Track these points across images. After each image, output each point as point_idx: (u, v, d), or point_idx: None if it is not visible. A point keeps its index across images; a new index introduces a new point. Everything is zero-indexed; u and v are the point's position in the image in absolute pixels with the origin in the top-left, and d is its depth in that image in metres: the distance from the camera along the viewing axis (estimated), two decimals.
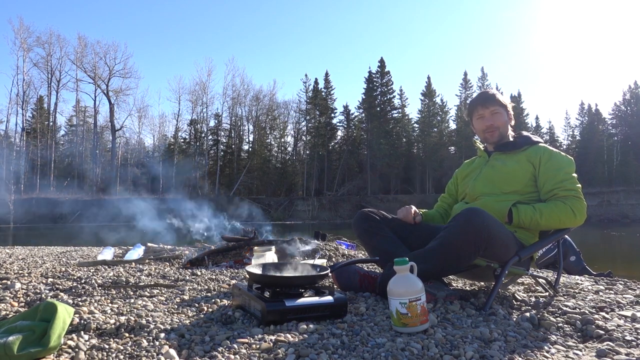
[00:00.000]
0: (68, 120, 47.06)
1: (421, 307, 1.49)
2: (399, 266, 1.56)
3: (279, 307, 1.54)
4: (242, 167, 44.32)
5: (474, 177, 2.28)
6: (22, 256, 4.97)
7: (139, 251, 4.63)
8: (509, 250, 1.91)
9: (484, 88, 48.50)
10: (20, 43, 39.07)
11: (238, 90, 46.48)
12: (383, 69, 47.70)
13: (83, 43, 42.29)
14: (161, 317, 1.65)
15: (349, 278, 2.12)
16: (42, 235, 12.87)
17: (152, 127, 49.96)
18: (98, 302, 1.93)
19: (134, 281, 2.59)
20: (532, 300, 2.03)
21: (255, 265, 2.00)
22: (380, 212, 2.27)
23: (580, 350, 1.38)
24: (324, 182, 45.03)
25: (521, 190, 2.11)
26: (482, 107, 2.25)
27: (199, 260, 3.61)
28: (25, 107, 41.00)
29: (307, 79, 47.76)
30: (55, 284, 2.43)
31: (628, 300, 2.05)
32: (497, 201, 2.09)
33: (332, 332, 1.45)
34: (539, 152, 2.15)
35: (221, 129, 46.85)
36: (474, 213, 1.81)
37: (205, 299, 2.05)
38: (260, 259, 2.61)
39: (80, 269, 3.34)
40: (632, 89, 50.22)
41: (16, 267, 3.67)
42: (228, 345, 1.32)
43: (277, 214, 36.11)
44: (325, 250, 3.92)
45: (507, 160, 2.20)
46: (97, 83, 42.47)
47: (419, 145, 50.05)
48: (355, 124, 49.55)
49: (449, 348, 1.33)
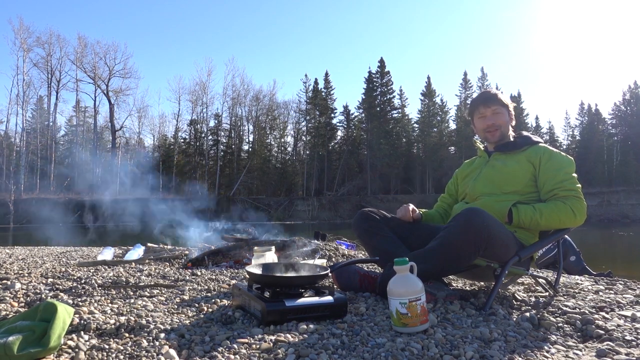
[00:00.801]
0: (68, 120, 47.11)
1: (421, 307, 1.49)
2: (399, 266, 1.56)
3: (279, 307, 1.54)
4: (242, 167, 44.31)
5: (474, 177, 2.28)
6: (22, 256, 4.97)
7: (139, 251, 4.63)
8: (509, 250, 1.90)
9: (484, 88, 48.53)
10: (20, 43, 39.03)
11: (238, 90, 46.51)
12: (383, 69, 47.72)
13: (83, 43, 42.28)
14: (161, 317, 1.65)
15: (349, 278, 2.12)
16: (42, 236, 12.87)
17: (152, 128, 49.87)
18: (98, 302, 1.93)
19: (134, 281, 2.59)
20: (532, 300, 2.03)
21: (255, 265, 2.00)
22: (380, 212, 2.27)
23: (580, 350, 1.38)
24: (324, 182, 45.03)
25: (521, 190, 2.11)
26: (484, 106, 2.25)
27: (199, 260, 3.61)
28: (25, 107, 40.96)
29: (307, 79, 47.83)
30: (55, 284, 2.43)
31: (628, 300, 2.05)
32: (497, 201, 2.09)
33: (332, 332, 1.45)
34: (539, 152, 2.15)
35: (221, 129, 46.84)
36: (474, 213, 1.81)
37: (205, 299, 2.05)
38: (260, 259, 2.61)
39: (80, 269, 3.34)
40: (632, 89, 50.24)
41: (16, 267, 3.67)
42: (228, 345, 1.32)
43: (277, 214, 36.10)
44: (325, 251, 3.92)
45: (507, 160, 2.20)
46: (97, 83, 42.46)
47: (419, 145, 50.07)
48: (355, 124, 49.56)
49: (449, 348, 1.33)
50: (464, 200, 2.33)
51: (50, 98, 42.17)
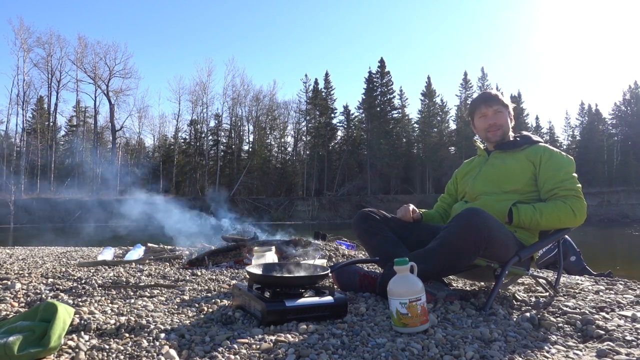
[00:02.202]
0: (68, 120, 47.03)
1: (421, 307, 1.49)
2: (399, 266, 1.56)
3: (279, 307, 1.54)
4: (242, 167, 44.31)
5: (474, 176, 2.28)
6: (22, 256, 4.97)
7: (139, 251, 4.62)
8: (509, 250, 1.90)
9: (484, 88, 48.56)
10: (21, 43, 39.05)
11: (238, 90, 46.50)
12: (383, 69, 47.71)
13: (83, 43, 42.30)
14: (161, 318, 1.65)
15: (349, 278, 2.12)
16: (42, 236, 12.87)
17: (152, 128, 49.93)
18: (98, 303, 1.93)
19: (134, 281, 2.59)
20: (532, 300, 2.03)
21: (255, 265, 2.00)
22: (380, 212, 2.27)
23: (580, 350, 1.38)
24: (324, 182, 45.02)
25: (521, 189, 2.11)
26: (485, 106, 2.26)
27: (199, 260, 3.61)
28: (26, 108, 41.00)
29: (307, 79, 47.82)
30: (55, 284, 2.43)
31: (628, 300, 2.05)
32: (497, 201, 2.09)
33: (332, 332, 1.45)
34: (539, 151, 2.15)
35: (221, 129, 46.85)
36: (474, 213, 1.81)
37: (205, 299, 2.05)
38: (260, 259, 2.61)
39: (81, 269, 3.34)
40: (632, 89, 50.25)
41: (16, 267, 3.67)
42: (228, 345, 1.32)
43: (277, 214, 36.09)
44: (325, 251, 3.92)
45: (507, 159, 2.20)
46: (97, 83, 42.47)
47: (419, 145, 50.05)
48: (355, 124, 49.55)
49: (449, 348, 1.33)
50: (463, 200, 2.33)
51: (51, 98, 42.23)
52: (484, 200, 2.14)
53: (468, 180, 2.31)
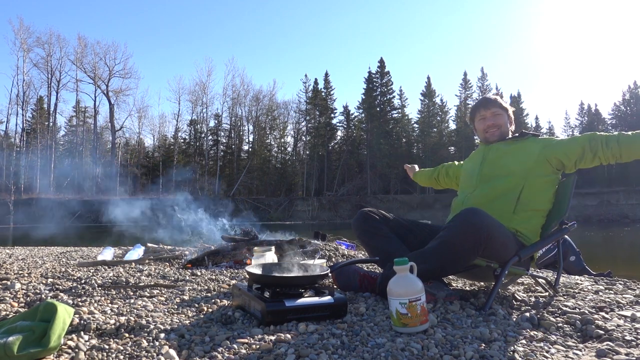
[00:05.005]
0: (68, 120, 47.09)
1: (421, 307, 1.49)
2: (399, 266, 1.56)
3: (279, 307, 1.54)
4: (242, 167, 44.33)
5: (480, 162, 2.28)
6: (22, 256, 4.97)
7: (138, 251, 4.62)
8: (509, 250, 1.91)
9: (483, 88, 48.65)
10: (20, 43, 39.12)
11: (238, 90, 46.58)
12: (383, 69, 47.72)
13: (83, 43, 42.37)
14: (161, 318, 1.65)
15: (348, 278, 2.12)
16: (42, 236, 12.87)
17: (152, 128, 49.92)
18: (98, 303, 1.93)
19: (134, 281, 2.59)
20: (532, 300, 2.03)
21: (255, 265, 2.00)
22: (380, 212, 2.28)
23: (580, 350, 1.38)
24: (323, 182, 45.02)
25: (532, 168, 2.10)
26: (484, 108, 2.32)
27: (198, 260, 3.61)
28: (25, 108, 41.09)
29: (307, 79, 47.86)
30: (55, 284, 2.43)
31: (628, 300, 2.05)
32: (507, 182, 2.10)
33: (332, 332, 1.45)
34: (542, 139, 2.20)
35: (221, 129, 46.91)
36: (473, 213, 1.81)
37: (205, 299, 2.05)
38: (260, 259, 2.61)
39: (80, 269, 3.34)
40: (632, 89, 50.27)
41: (16, 267, 3.67)
42: (228, 345, 1.32)
43: (277, 214, 36.10)
44: (325, 251, 3.92)
45: (510, 145, 2.23)
46: (97, 83, 42.53)
47: (419, 145, 50.04)
48: (355, 124, 49.54)
49: (449, 348, 1.33)
50: (469, 189, 2.28)
51: (50, 98, 42.28)
52: (493, 184, 2.14)
53: (475, 168, 2.29)
